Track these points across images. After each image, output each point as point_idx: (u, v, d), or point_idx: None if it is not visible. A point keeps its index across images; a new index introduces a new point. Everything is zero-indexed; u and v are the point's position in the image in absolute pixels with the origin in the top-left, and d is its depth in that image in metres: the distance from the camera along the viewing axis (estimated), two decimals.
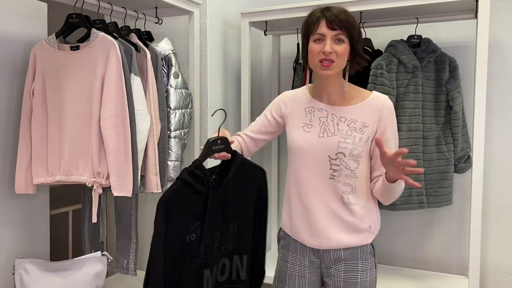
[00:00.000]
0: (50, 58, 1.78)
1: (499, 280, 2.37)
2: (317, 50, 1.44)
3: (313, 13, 1.48)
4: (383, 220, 2.59)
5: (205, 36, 2.29)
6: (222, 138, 1.47)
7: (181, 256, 1.40)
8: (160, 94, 1.96)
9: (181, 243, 1.39)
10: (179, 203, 1.38)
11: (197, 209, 1.41)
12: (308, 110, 1.57)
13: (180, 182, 1.38)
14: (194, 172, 1.40)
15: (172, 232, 1.38)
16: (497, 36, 2.32)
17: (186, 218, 1.39)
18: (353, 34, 1.44)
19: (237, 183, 1.49)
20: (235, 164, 1.48)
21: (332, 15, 1.42)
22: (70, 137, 1.75)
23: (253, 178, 1.53)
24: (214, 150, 1.45)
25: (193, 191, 1.40)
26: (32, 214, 1.96)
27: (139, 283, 2.25)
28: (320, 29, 1.43)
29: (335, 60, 1.43)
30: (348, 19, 1.43)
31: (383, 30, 2.42)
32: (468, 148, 2.22)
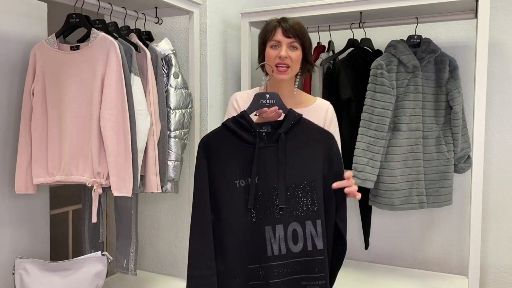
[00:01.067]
0: (50, 58, 1.78)
1: (499, 280, 2.37)
2: (273, 55, 1.58)
3: (270, 23, 1.63)
4: (383, 220, 2.59)
5: (205, 36, 2.29)
6: (272, 93, 1.46)
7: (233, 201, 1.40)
8: (160, 94, 1.96)
9: (229, 186, 1.41)
10: (221, 145, 1.41)
11: (246, 157, 1.41)
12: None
13: (222, 126, 1.43)
14: (238, 121, 1.42)
15: (217, 172, 1.41)
16: (497, 36, 2.32)
17: (232, 161, 1.41)
18: (305, 43, 1.60)
19: (296, 141, 1.44)
20: (289, 120, 1.44)
21: (287, 25, 1.58)
22: (70, 137, 1.75)
23: (317, 138, 1.45)
24: (262, 104, 1.45)
25: (238, 138, 1.42)
26: (32, 214, 1.96)
27: (140, 283, 2.26)
28: (277, 36, 1.58)
29: (290, 65, 1.57)
30: (301, 29, 1.59)
31: (383, 30, 2.42)
32: (468, 148, 2.22)
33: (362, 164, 2.07)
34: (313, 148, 1.45)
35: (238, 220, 1.41)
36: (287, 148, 1.43)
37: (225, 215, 1.42)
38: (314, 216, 1.41)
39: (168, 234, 2.45)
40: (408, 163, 2.14)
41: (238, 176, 1.42)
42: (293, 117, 1.46)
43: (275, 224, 1.40)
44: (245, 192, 1.41)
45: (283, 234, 1.41)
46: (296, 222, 1.41)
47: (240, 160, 1.41)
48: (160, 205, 2.46)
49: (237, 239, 1.41)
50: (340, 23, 2.32)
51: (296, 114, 1.47)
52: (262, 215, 1.41)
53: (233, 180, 1.41)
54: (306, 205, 1.42)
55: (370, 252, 2.59)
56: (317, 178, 1.43)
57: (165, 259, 2.46)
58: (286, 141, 1.44)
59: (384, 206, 2.14)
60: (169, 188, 2.05)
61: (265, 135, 1.44)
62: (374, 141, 2.08)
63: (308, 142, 1.45)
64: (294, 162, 1.43)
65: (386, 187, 2.11)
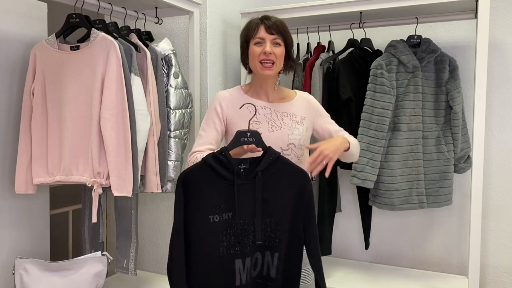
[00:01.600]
0: (50, 58, 1.78)
1: (499, 280, 2.37)
2: (257, 52, 1.61)
3: (252, 21, 1.66)
4: (383, 220, 2.59)
5: (205, 36, 2.30)
6: (252, 131, 1.50)
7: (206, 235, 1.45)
8: (160, 94, 1.96)
9: (204, 221, 1.44)
10: (200, 181, 1.45)
11: (222, 193, 1.46)
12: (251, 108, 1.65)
13: (202, 162, 1.46)
14: (218, 157, 1.45)
15: (193, 207, 1.44)
16: (497, 36, 2.32)
17: (207, 197, 1.45)
18: (288, 40, 1.65)
19: (272, 178, 1.49)
20: (267, 158, 1.48)
21: (270, 22, 1.62)
22: (70, 137, 1.75)
23: (291, 177, 1.51)
24: (243, 142, 1.48)
25: (216, 174, 1.45)
26: (32, 214, 1.96)
27: (140, 283, 2.26)
28: (260, 33, 1.61)
29: (274, 61, 1.61)
30: (283, 27, 1.63)
31: (383, 30, 2.42)
32: (468, 148, 2.22)
33: (362, 164, 2.07)
34: (287, 186, 1.51)
35: (210, 253, 1.46)
36: (263, 185, 1.48)
37: (198, 248, 1.46)
38: (273, 249, 1.51)
39: (168, 234, 2.44)
40: (408, 163, 2.14)
41: (213, 211, 1.45)
42: (271, 156, 1.49)
43: (245, 258, 1.49)
44: (219, 227, 1.45)
45: (250, 264, 1.50)
46: (258, 252, 1.51)
47: (216, 196, 1.46)
48: (160, 205, 2.46)
49: (208, 271, 1.46)
50: (340, 23, 2.32)
51: (275, 152, 1.50)
52: (234, 249, 1.47)
53: (207, 215, 1.45)
54: (269, 238, 1.51)
55: (370, 252, 2.59)
56: (284, 216, 1.50)
57: (165, 259, 2.44)
58: (263, 178, 1.48)
59: (384, 206, 2.14)
60: (169, 188, 2.05)
61: (243, 171, 1.47)
62: (374, 141, 2.08)
63: (283, 180, 1.50)
64: (267, 199, 1.49)
65: (386, 187, 2.11)
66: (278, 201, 1.50)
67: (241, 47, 1.70)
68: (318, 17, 2.20)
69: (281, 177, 1.50)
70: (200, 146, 1.65)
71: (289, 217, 1.51)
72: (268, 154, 1.49)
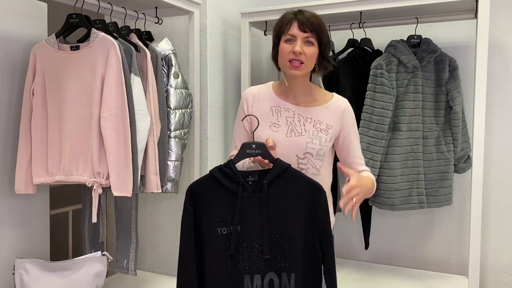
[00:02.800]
0: (50, 58, 1.78)
1: (499, 280, 2.37)
2: (287, 50, 1.49)
3: (286, 15, 1.54)
4: (383, 220, 2.59)
5: (205, 36, 2.29)
6: (258, 143, 1.46)
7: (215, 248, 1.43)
8: (160, 94, 1.96)
9: (212, 233, 1.44)
10: (207, 194, 1.45)
11: (228, 206, 1.44)
12: (274, 109, 1.59)
13: (208, 175, 1.46)
14: (223, 170, 1.45)
15: (201, 219, 1.45)
16: (497, 36, 2.32)
17: (215, 209, 1.44)
18: (322, 38, 1.51)
19: (280, 191, 1.44)
20: (274, 171, 1.44)
21: (304, 17, 1.49)
22: (70, 137, 1.75)
23: (302, 190, 1.44)
24: (248, 154, 1.46)
25: (221, 186, 1.44)
26: (32, 214, 1.96)
27: (140, 283, 2.26)
28: (292, 30, 1.49)
29: (304, 61, 1.49)
30: (319, 23, 1.50)
31: (383, 30, 2.42)
32: (468, 148, 2.22)
33: None
34: (297, 200, 1.44)
35: (218, 267, 1.43)
36: (270, 199, 1.43)
37: (206, 262, 1.44)
38: (289, 269, 1.42)
39: (168, 234, 2.45)
40: (408, 163, 2.14)
41: (220, 224, 1.43)
42: (279, 167, 1.44)
43: (253, 274, 1.42)
44: (226, 240, 1.43)
45: (260, 284, 1.42)
46: (273, 272, 1.43)
47: (223, 209, 1.44)
48: (160, 205, 2.47)
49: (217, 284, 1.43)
50: (340, 23, 2.32)
51: (283, 164, 1.45)
52: (242, 264, 1.43)
53: (215, 228, 1.44)
54: (283, 257, 1.43)
55: (370, 252, 2.59)
56: (296, 232, 1.43)
57: (165, 259, 2.46)
58: (270, 191, 1.43)
59: (384, 206, 2.14)
60: (169, 188, 2.05)
61: (251, 184, 1.44)
62: (374, 141, 2.08)
63: (293, 193, 1.44)
64: (276, 214, 1.43)
65: (386, 187, 2.11)
66: (288, 215, 1.43)
67: (273, 42, 1.57)
68: None
69: (291, 190, 1.44)
70: (235, 149, 1.62)
71: (303, 233, 1.43)
72: (275, 165, 1.45)
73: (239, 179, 1.44)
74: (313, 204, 1.44)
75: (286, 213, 1.44)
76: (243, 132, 1.63)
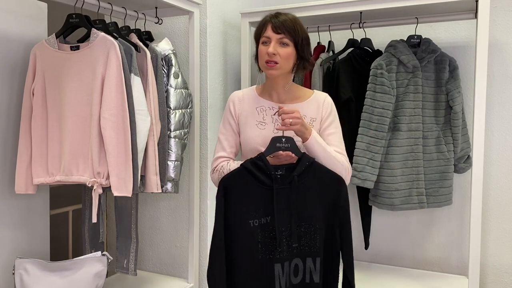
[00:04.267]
0: (50, 58, 1.78)
1: (499, 280, 2.37)
2: (263, 51, 1.57)
3: (263, 19, 1.62)
4: (383, 220, 2.59)
5: (205, 36, 2.29)
6: (287, 137, 1.52)
7: (246, 240, 1.50)
8: (160, 94, 1.96)
9: (244, 225, 1.50)
10: (239, 186, 1.51)
11: (261, 198, 1.51)
12: (259, 109, 1.66)
13: (241, 167, 1.52)
14: (256, 163, 1.50)
15: (233, 212, 1.51)
16: (497, 36, 2.32)
17: (247, 201, 1.50)
18: (297, 39, 1.56)
19: (306, 184, 1.52)
20: (302, 164, 1.52)
21: (277, 21, 1.56)
22: (70, 137, 1.75)
23: (326, 183, 1.54)
24: (278, 148, 1.51)
25: (255, 179, 1.50)
26: (32, 214, 1.96)
27: (140, 283, 2.26)
28: (267, 32, 1.57)
29: (278, 61, 1.55)
30: (293, 25, 1.56)
31: (383, 30, 2.42)
32: (468, 148, 2.22)
33: (362, 164, 2.07)
34: (322, 191, 1.54)
35: (249, 257, 1.51)
36: (299, 190, 1.52)
37: (237, 252, 1.52)
38: (314, 254, 1.54)
39: (168, 234, 2.45)
40: (408, 163, 2.14)
41: (253, 216, 1.51)
42: (306, 161, 1.52)
43: (283, 262, 1.52)
44: (257, 230, 1.51)
45: (288, 269, 1.53)
46: (298, 258, 1.53)
47: (255, 201, 1.51)
48: (160, 205, 2.47)
49: (249, 275, 1.51)
50: (340, 23, 2.32)
51: (309, 158, 1.53)
52: (273, 253, 1.51)
53: (248, 219, 1.51)
54: (309, 243, 1.53)
55: (370, 252, 2.59)
56: (321, 220, 1.54)
57: (165, 259, 2.46)
58: (299, 183, 1.51)
59: (384, 206, 2.14)
60: (169, 188, 2.05)
61: (279, 177, 1.51)
62: (374, 141, 2.08)
63: (318, 185, 1.53)
64: (303, 204, 1.53)
65: (386, 187, 2.11)
66: (314, 205, 1.53)
67: (255, 45, 1.66)
68: (318, 17, 2.20)
69: (317, 182, 1.53)
70: (222, 151, 1.65)
71: (326, 221, 1.55)
72: (303, 159, 1.52)
73: (270, 172, 1.50)
74: (336, 195, 1.54)
75: (312, 203, 1.53)
76: (231, 134, 1.67)
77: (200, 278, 2.33)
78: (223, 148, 1.65)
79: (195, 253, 2.22)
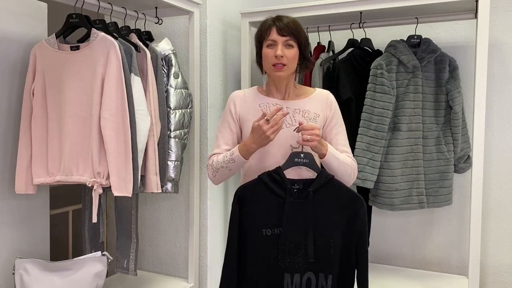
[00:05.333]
0: (50, 58, 1.78)
1: (499, 280, 2.37)
2: (270, 54, 1.59)
3: (265, 23, 1.64)
4: (383, 220, 2.59)
5: (205, 36, 2.29)
6: (306, 153, 1.56)
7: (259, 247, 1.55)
8: (160, 94, 1.96)
9: (257, 234, 1.55)
10: (254, 197, 1.55)
11: (274, 209, 1.54)
12: (263, 105, 1.68)
13: (257, 179, 1.56)
14: (273, 176, 1.54)
15: (247, 219, 1.56)
16: (497, 36, 2.32)
17: (261, 212, 1.54)
18: (301, 40, 1.61)
19: (323, 200, 1.54)
20: (319, 179, 1.54)
21: (282, 23, 1.59)
22: (70, 137, 1.75)
23: (344, 200, 1.55)
24: (296, 162, 1.56)
25: (270, 191, 1.54)
26: (32, 214, 1.96)
27: (140, 283, 2.26)
28: (272, 35, 1.59)
29: (286, 63, 1.59)
30: (296, 27, 1.60)
31: (383, 30, 2.42)
32: (468, 148, 2.22)
33: (362, 164, 2.08)
34: (339, 209, 1.55)
35: (261, 264, 1.55)
36: (314, 205, 1.53)
37: (251, 260, 1.56)
38: (326, 271, 1.55)
39: (168, 234, 2.45)
40: (408, 163, 2.14)
41: (266, 226, 1.55)
42: (324, 177, 1.55)
43: (293, 273, 1.54)
44: (270, 240, 1.54)
45: (299, 282, 1.55)
46: (311, 272, 1.55)
47: (269, 211, 1.54)
48: (160, 205, 2.47)
49: (258, 281, 1.55)
50: (340, 23, 2.32)
51: (328, 175, 1.55)
52: (284, 263, 1.54)
53: (261, 229, 1.55)
54: (322, 260, 1.55)
55: (370, 252, 2.59)
56: (337, 237, 1.55)
57: (165, 259, 2.46)
58: (315, 199, 1.54)
59: (384, 206, 2.14)
60: (169, 188, 2.05)
61: (296, 191, 1.54)
62: (374, 141, 2.08)
63: (335, 202, 1.55)
64: (319, 220, 1.54)
65: (386, 187, 2.11)
66: (329, 222, 1.54)
67: (256, 48, 1.68)
68: (318, 17, 2.20)
69: (334, 199, 1.55)
70: (217, 148, 1.69)
71: (341, 239, 1.55)
72: (320, 175, 1.55)
73: (286, 185, 1.53)
74: (353, 214, 1.55)
75: (328, 220, 1.54)
76: (228, 132, 1.68)
77: (200, 278, 2.33)
78: (218, 145, 1.69)
79: (195, 253, 2.22)
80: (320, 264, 1.54)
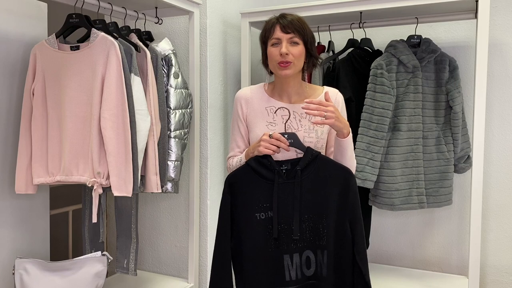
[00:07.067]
0: (50, 58, 1.78)
1: (499, 280, 2.37)
2: (275, 53, 1.57)
3: (269, 21, 1.62)
4: (383, 220, 2.59)
5: (205, 36, 2.30)
6: (290, 133, 1.56)
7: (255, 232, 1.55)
8: (160, 94, 1.96)
9: (250, 219, 1.56)
10: (244, 182, 1.57)
11: (265, 193, 1.55)
12: (269, 109, 1.66)
13: (245, 165, 1.58)
14: (259, 160, 1.56)
15: (239, 207, 1.58)
16: (497, 36, 2.32)
17: (252, 196, 1.56)
18: (306, 37, 1.58)
19: (312, 176, 1.55)
20: (306, 157, 1.55)
21: (286, 21, 1.57)
22: (70, 137, 1.75)
23: (332, 174, 1.55)
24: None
25: (258, 175, 1.56)
26: (32, 214, 1.96)
27: (140, 283, 2.26)
28: (276, 33, 1.57)
29: (292, 60, 1.56)
30: (300, 24, 1.57)
31: (383, 30, 2.42)
32: (468, 148, 2.22)
33: (362, 164, 2.08)
34: (328, 184, 1.56)
35: (258, 249, 1.56)
36: (303, 184, 1.55)
37: (246, 245, 1.57)
38: (322, 247, 1.56)
39: (168, 234, 2.45)
40: (408, 163, 2.14)
41: (258, 210, 1.56)
42: (310, 155, 1.55)
43: (292, 253, 1.55)
44: (265, 224, 1.55)
45: (299, 261, 1.56)
46: (309, 250, 1.56)
47: (261, 195, 1.56)
48: (160, 205, 2.47)
49: (258, 266, 1.56)
50: (340, 23, 2.32)
51: (313, 152, 1.56)
52: (281, 244, 1.55)
53: (254, 213, 1.56)
54: (317, 236, 1.56)
55: (370, 252, 2.59)
56: (329, 212, 1.55)
57: (165, 259, 2.46)
58: (303, 177, 1.54)
59: (384, 206, 2.14)
60: (169, 188, 2.05)
61: (285, 172, 1.55)
62: (374, 141, 2.08)
63: (324, 178, 1.56)
64: (309, 197, 1.55)
65: (386, 187, 2.11)
66: (321, 198, 1.55)
67: (261, 48, 1.66)
68: (318, 17, 2.20)
69: (322, 175, 1.55)
70: (231, 151, 1.72)
71: (334, 213, 1.56)
72: (306, 153, 1.55)
73: (274, 168, 1.54)
74: (344, 187, 1.56)
75: (319, 196, 1.55)
76: (239, 135, 1.70)
77: (200, 278, 2.33)
78: (232, 148, 1.72)
79: (195, 253, 2.22)
80: (316, 241, 1.55)
